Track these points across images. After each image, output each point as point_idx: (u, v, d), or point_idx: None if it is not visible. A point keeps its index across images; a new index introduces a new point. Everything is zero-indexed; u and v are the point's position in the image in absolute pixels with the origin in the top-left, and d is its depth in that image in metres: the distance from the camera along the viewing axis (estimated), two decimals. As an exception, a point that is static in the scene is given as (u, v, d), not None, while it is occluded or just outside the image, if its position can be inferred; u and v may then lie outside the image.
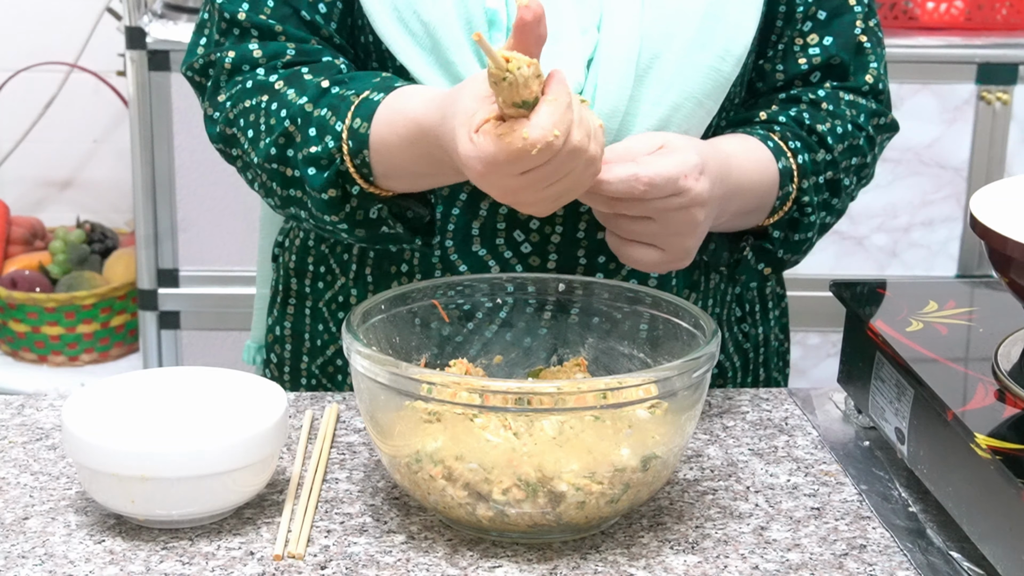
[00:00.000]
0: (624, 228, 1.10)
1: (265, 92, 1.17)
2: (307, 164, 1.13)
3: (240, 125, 1.19)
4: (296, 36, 1.20)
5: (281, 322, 1.35)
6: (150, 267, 2.51)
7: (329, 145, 1.12)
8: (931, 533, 1.04)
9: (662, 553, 1.00)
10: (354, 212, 1.15)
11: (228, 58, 1.20)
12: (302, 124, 1.14)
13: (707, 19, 1.18)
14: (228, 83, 1.20)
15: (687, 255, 1.12)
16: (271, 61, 1.19)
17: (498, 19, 1.16)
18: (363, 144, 1.11)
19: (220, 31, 1.22)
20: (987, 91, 2.51)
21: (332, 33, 1.21)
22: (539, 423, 0.98)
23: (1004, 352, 1.09)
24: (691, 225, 1.10)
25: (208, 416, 1.07)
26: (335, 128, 1.12)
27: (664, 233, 1.09)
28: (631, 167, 1.06)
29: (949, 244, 2.63)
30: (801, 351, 2.59)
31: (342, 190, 1.13)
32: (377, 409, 1.02)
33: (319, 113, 1.14)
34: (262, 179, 1.18)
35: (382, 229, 1.16)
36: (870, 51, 1.27)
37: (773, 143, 1.20)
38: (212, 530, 1.02)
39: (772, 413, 1.23)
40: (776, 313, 1.38)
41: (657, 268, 1.12)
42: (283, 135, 1.15)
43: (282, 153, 1.15)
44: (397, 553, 1.00)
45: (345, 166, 1.12)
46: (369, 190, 1.13)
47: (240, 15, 1.20)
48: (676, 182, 1.06)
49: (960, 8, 2.56)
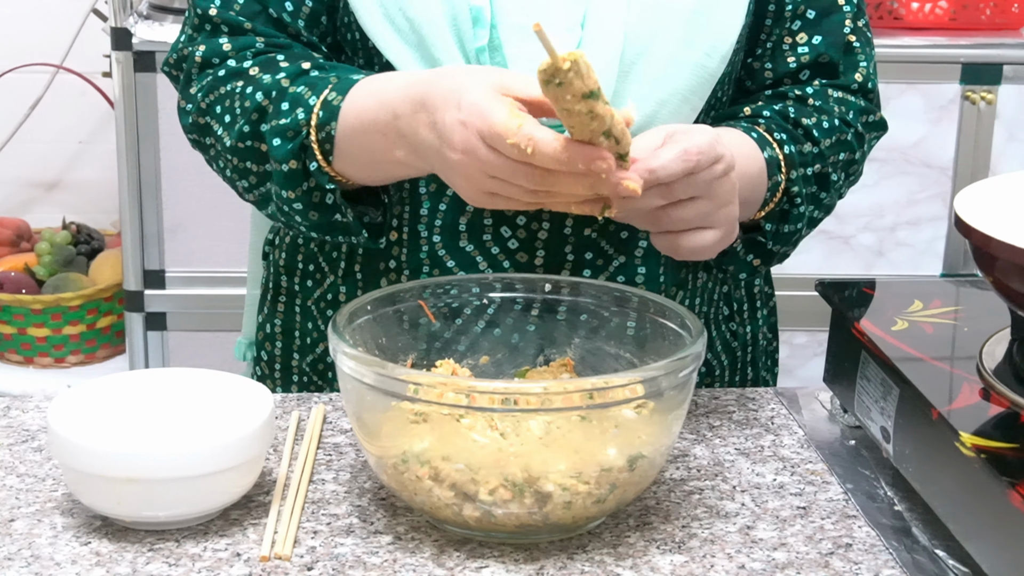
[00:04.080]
0: (676, 217, 1.08)
1: (240, 78, 1.19)
2: (273, 134, 1.15)
3: (215, 112, 1.20)
4: (265, 32, 1.22)
5: (271, 320, 1.35)
6: (136, 268, 2.51)
7: (299, 117, 1.14)
8: (917, 531, 1.04)
9: (649, 553, 1.00)
10: (311, 192, 1.16)
11: (199, 52, 1.22)
12: (276, 97, 1.16)
13: (694, 16, 1.18)
14: (199, 76, 1.22)
15: (735, 225, 1.11)
16: (240, 52, 1.21)
17: (482, 16, 1.16)
18: (332, 115, 1.12)
19: (194, 27, 1.24)
20: (972, 91, 2.52)
21: (300, 30, 1.22)
22: (526, 423, 0.98)
23: (989, 351, 1.10)
24: (733, 191, 1.09)
25: (194, 417, 1.07)
26: (309, 102, 1.14)
27: (714, 208, 1.08)
28: (673, 146, 1.04)
29: (935, 243, 2.64)
30: (788, 350, 2.60)
31: (302, 164, 1.15)
32: (364, 410, 1.02)
33: (295, 89, 1.15)
34: (233, 163, 1.20)
35: (335, 216, 1.17)
36: (859, 50, 1.28)
37: (757, 134, 1.21)
38: (199, 531, 1.02)
39: (758, 413, 1.24)
40: (764, 312, 1.38)
41: (716, 248, 1.10)
42: (256, 110, 1.17)
43: (255, 128, 1.17)
44: (384, 554, 1.00)
45: (309, 140, 1.13)
46: (325, 169, 1.14)
47: (211, 11, 1.22)
48: (715, 148, 1.06)
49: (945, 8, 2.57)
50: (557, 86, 0.94)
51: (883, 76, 1.34)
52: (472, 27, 1.16)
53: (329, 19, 1.24)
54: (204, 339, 2.54)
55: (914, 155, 2.58)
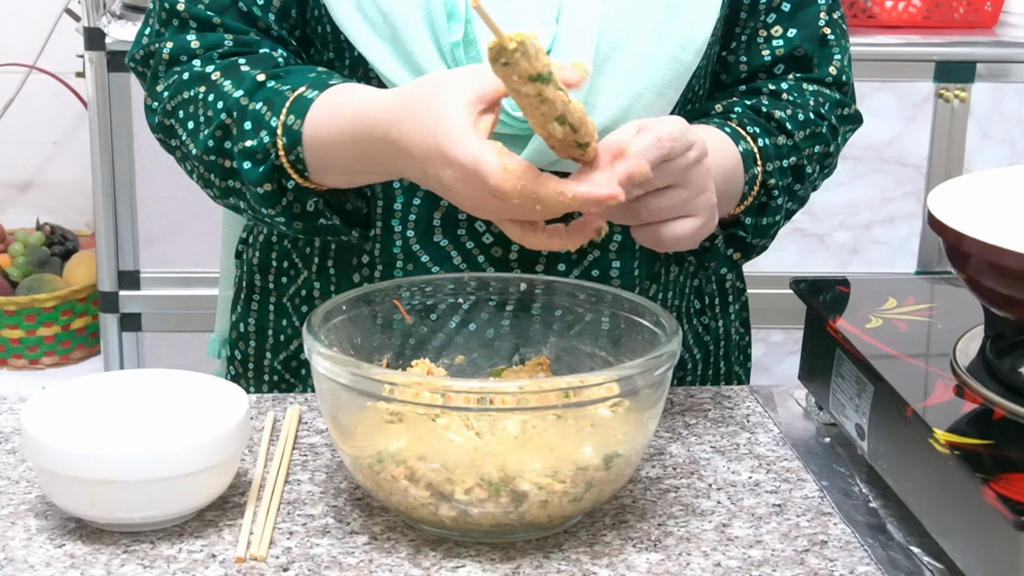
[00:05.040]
0: (654, 207, 1.07)
1: (203, 83, 1.18)
2: (243, 158, 1.14)
3: (179, 116, 1.20)
4: (234, 27, 1.21)
5: (245, 318, 1.35)
6: (111, 269, 2.50)
7: (264, 140, 1.13)
8: (891, 528, 1.04)
9: (625, 551, 1.00)
10: (291, 205, 1.16)
11: (167, 48, 1.21)
12: (238, 117, 1.15)
13: (668, 9, 1.18)
14: (166, 73, 1.22)
15: (715, 212, 1.11)
16: (208, 52, 1.20)
17: (457, 11, 1.16)
18: (296, 141, 1.12)
19: (161, 21, 1.23)
20: (945, 89, 2.53)
21: (270, 24, 1.22)
22: (502, 422, 0.98)
23: (962, 348, 1.10)
24: (708, 178, 1.09)
25: (169, 418, 1.06)
26: (270, 123, 1.13)
27: (692, 194, 1.07)
28: (646, 134, 1.04)
29: (909, 241, 2.65)
30: (764, 348, 2.60)
31: (278, 184, 1.14)
32: (339, 410, 1.02)
33: (254, 107, 1.14)
34: (200, 171, 1.19)
35: (320, 221, 1.17)
36: (834, 43, 1.28)
37: (731, 129, 1.21)
38: (174, 533, 1.02)
39: (734, 410, 1.24)
40: (736, 307, 1.38)
41: (697, 236, 1.10)
42: (220, 127, 1.16)
43: (219, 145, 1.16)
44: (360, 554, 0.99)
45: (280, 161, 1.13)
46: (304, 184, 1.14)
47: (179, 6, 1.21)
48: (686, 135, 1.05)
49: (918, 7, 2.58)
50: (503, 65, 0.93)
51: (857, 74, 1.34)
52: (447, 21, 1.16)
53: (299, 12, 1.24)
54: (179, 340, 2.53)
55: (888, 153, 2.59)
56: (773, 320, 2.51)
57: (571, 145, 0.99)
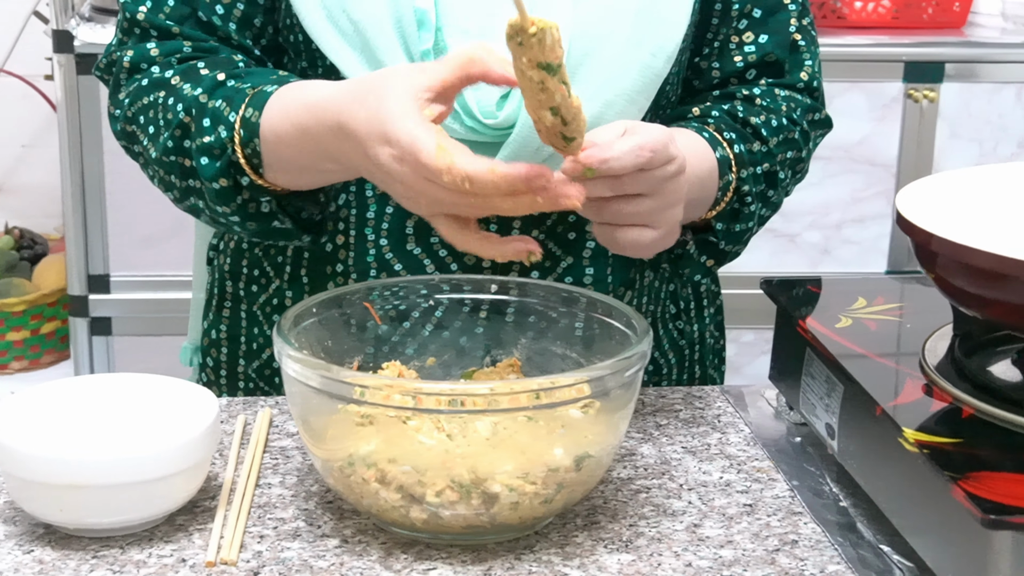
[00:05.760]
0: (618, 213, 1.07)
1: (162, 88, 1.19)
2: (200, 153, 1.14)
3: (140, 122, 1.20)
4: (194, 36, 1.21)
5: (217, 325, 1.34)
6: (80, 273, 2.49)
7: (222, 135, 1.13)
8: (862, 527, 1.05)
9: (596, 552, 1.00)
10: (246, 204, 1.15)
11: (127, 57, 1.22)
12: (197, 115, 1.15)
13: (639, 16, 1.18)
14: (128, 81, 1.22)
15: (676, 230, 1.11)
16: (167, 58, 1.20)
17: (427, 19, 1.16)
18: (254, 133, 1.12)
19: (123, 31, 1.24)
20: (914, 89, 2.54)
21: (230, 34, 1.22)
22: (473, 424, 0.98)
23: (931, 347, 1.11)
24: (680, 194, 1.09)
25: (139, 423, 1.06)
26: (228, 118, 1.13)
27: (659, 208, 1.07)
28: (629, 139, 1.04)
29: (880, 241, 2.66)
30: (736, 348, 2.61)
31: (233, 180, 1.14)
32: (310, 413, 1.02)
33: (213, 104, 1.15)
34: (161, 174, 1.19)
35: (273, 223, 1.17)
36: (804, 49, 1.29)
37: (708, 134, 1.21)
38: (143, 538, 1.01)
39: (705, 411, 1.24)
40: (711, 311, 1.39)
41: (652, 248, 1.10)
42: (179, 127, 1.16)
43: (179, 144, 1.16)
44: (331, 557, 0.99)
45: (236, 156, 1.13)
46: (258, 182, 1.14)
47: (140, 15, 1.22)
48: (668, 148, 1.05)
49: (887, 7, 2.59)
50: (518, 44, 0.95)
51: (827, 75, 1.35)
52: (417, 30, 1.16)
53: (268, 21, 1.23)
54: (150, 343, 2.52)
55: (858, 153, 2.61)
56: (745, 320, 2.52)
57: (557, 135, 1.00)
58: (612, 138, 1.04)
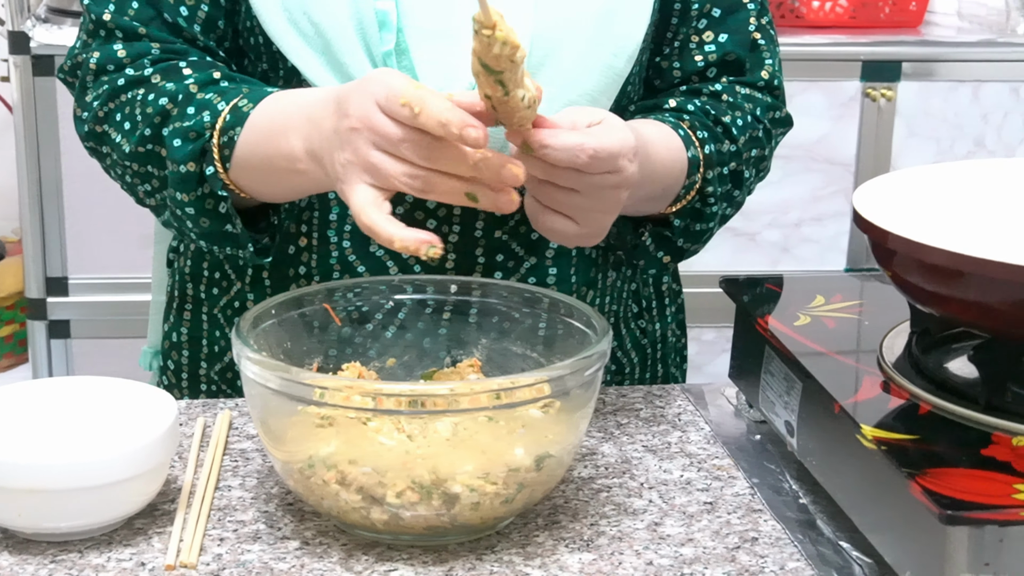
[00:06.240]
0: (549, 196, 1.07)
1: (141, 86, 1.18)
2: (175, 136, 1.14)
3: (114, 120, 1.19)
4: (160, 38, 1.20)
5: (178, 328, 1.33)
6: (38, 276, 2.47)
7: (204, 120, 1.13)
8: (821, 524, 1.05)
9: (557, 552, 1.01)
10: (204, 198, 1.15)
11: (93, 59, 1.21)
12: (182, 101, 1.15)
13: (600, 17, 1.19)
14: (95, 83, 1.21)
15: (602, 233, 1.11)
16: (136, 61, 1.20)
17: (388, 20, 1.16)
18: (240, 120, 1.12)
19: (88, 32, 1.23)
20: (872, 88, 2.56)
21: (196, 35, 1.21)
22: (433, 425, 0.98)
23: (889, 344, 1.11)
24: (615, 204, 1.09)
25: (97, 426, 1.05)
26: (217, 107, 1.14)
27: (588, 208, 1.08)
28: (578, 136, 1.04)
29: (839, 239, 2.67)
30: (697, 347, 2.62)
31: (200, 168, 1.14)
32: (269, 415, 1.01)
33: (204, 96, 1.15)
34: (134, 168, 1.18)
35: (225, 226, 1.16)
36: (765, 48, 1.29)
37: (683, 132, 1.21)
38: (102, 542, 1.01)
39: (665, 409, 1.24)
40: (672, 309, 1.39)
41: (571, 241, 1.10)
42: (160, 114, 1.16)
43: (157, 131, 1.16)
44: (291, 559, 0.99)
45: (211, 143, 1.13)
46: (220, 175, 1.13)
47: (105, 16, 1.21)
48: (616, 160, 1.05)
49: (845, 7, 2.61)
50: (474, 32, 0.98)
51: (786, 74, 1.36)
52: (378, 31, 1.15)
53: (228, 23, 1.23)
54: (110, 346, 2.50)
55: (818, 152, 2.62)
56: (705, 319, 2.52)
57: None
58: (565, 126, 1.05)
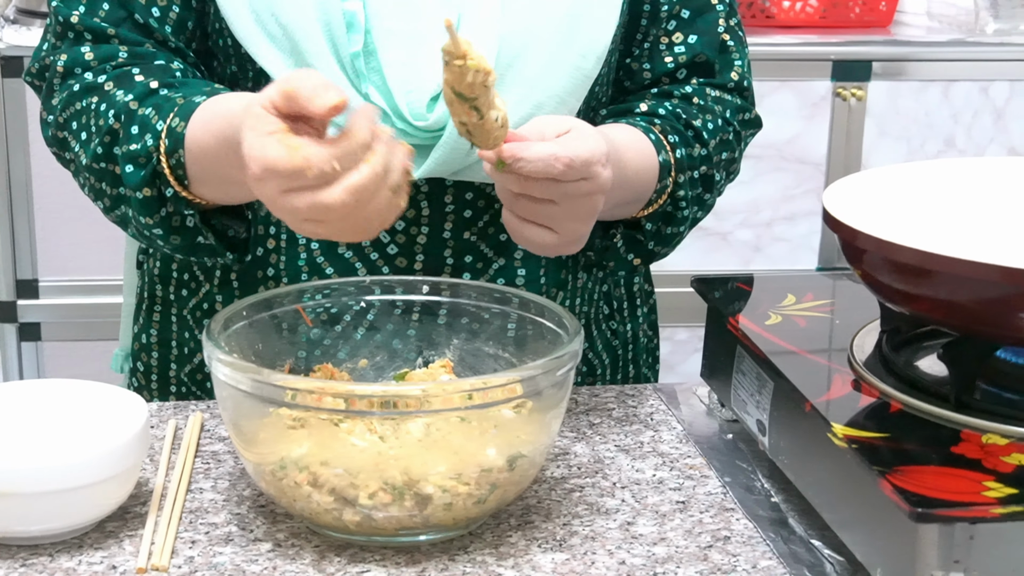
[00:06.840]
0: (526, 209, 1.08)
1: (95, 94, 1.17)
2: (126, 160, 1.13)
3: (72, 128, 1.18)
4: (130, 39, 1.19)
5: (147, 330, 1.33)
6: (8, 278, 2.45)
7: (148, 143, 1.12)
8: (793, 522, 1.06)
9: (530, 552, 1.01)
10: (170, 217, 1.14)
11: (61, 61, 1.19)
12: (125, 121, 1.14)
13: (568, 18, 1.19)
14: (61, 86, 1.20)
15: (580, 241, 1.11)
16: (102, 64, 1.18)
17: (356, 21, 1.15)
18: (178, 143, 1.10)
19: (56, 34, 1.21)
20: (842, 87, 2.57)
21: (167, 36, 1.20)
22: (405, 426, 0.98)
23: (859, 343, 1.12)
24: (591, 212, 1.09)
25: (68, 429, 1.05)
26: (156, 127, 1.12)
27: (564, 217, 1.08)
28: (550, 146, 1.04)
29: (810, 238, 2.68)
30: (670, 346, 2.62)
31: (158, 191, 1.13)
32: (241, 417, 1.01)
33: (143, 112, 1.13)
34: (91, 181, 1.17)
35: (197, 239, 1.16)
36: (734, 49, 1.30)
37: (655, 136, 1.21)
38: (73, 545, 1.00)
39: (638, 409, 1.25)
40: (644, 310, 1.39)
41: (550, 251, 1.10)
42: (109, 132, 1.14)
43: (108, 150, 1.15)
44: (264, 562, 0.99)
45: (161, 166, 1.12)
46: (182, 194, 1.12)
47: (74, 18, 1.19)
48: (590, 167, 1.05)
49: (815, 7, 2.62)
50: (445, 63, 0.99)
51: (756, 74, 1.36)
52: (346, 32, 1.15)
53: (198, 25, 1.22)
54: (81, 349, 2.49)
55: (789, 151, 2.63)
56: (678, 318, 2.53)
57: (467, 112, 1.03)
58: (535, 138, 1.05)
